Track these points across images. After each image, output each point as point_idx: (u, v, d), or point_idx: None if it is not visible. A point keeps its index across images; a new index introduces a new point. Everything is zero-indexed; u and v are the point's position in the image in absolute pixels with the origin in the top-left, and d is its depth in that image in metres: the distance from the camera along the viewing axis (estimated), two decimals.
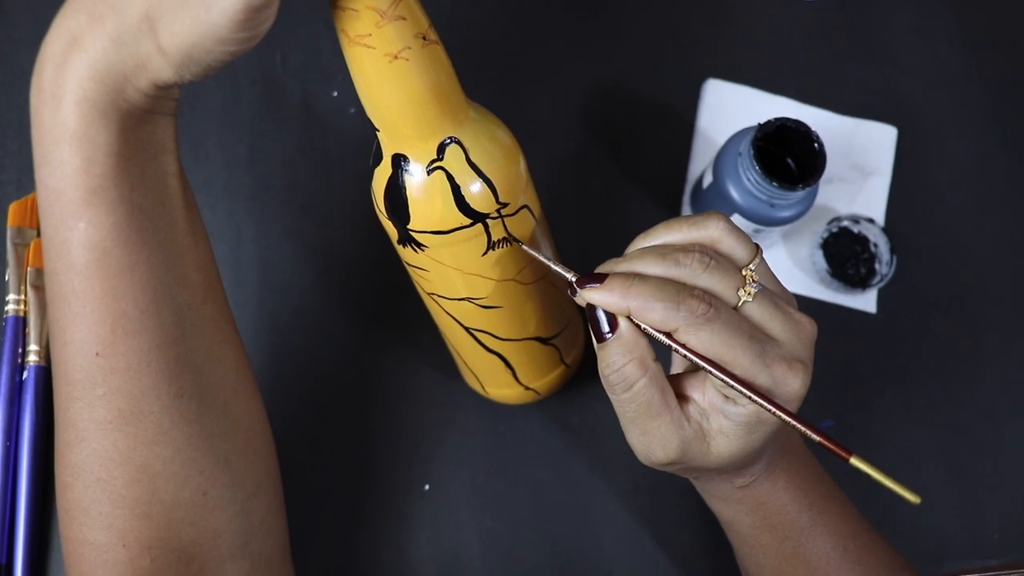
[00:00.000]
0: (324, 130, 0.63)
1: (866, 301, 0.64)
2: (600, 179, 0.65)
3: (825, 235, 0.63)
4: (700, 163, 0.65)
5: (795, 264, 0.64)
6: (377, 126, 0.40)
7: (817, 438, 0.37)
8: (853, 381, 0.63)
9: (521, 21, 0.67)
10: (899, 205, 0.66)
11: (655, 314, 0.37)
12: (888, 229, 0.64)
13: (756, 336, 0.38)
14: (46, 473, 0.55)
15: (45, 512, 0.55)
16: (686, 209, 0.64)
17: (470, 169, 0.41)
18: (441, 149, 0.40)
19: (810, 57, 0.69)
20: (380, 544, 0.57)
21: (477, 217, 0.42)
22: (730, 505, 0.47)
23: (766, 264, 0.40)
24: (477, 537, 0.57)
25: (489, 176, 0.41)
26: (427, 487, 0.58)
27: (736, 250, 0.40)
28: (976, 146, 0.68)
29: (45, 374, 0.56)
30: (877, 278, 0.63)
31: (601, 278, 0.39)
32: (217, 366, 0.41)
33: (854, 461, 0.36)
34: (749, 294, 0.38)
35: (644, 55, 0.67)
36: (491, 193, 0.41)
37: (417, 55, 0.37)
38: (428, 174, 0.41)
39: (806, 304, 0.63)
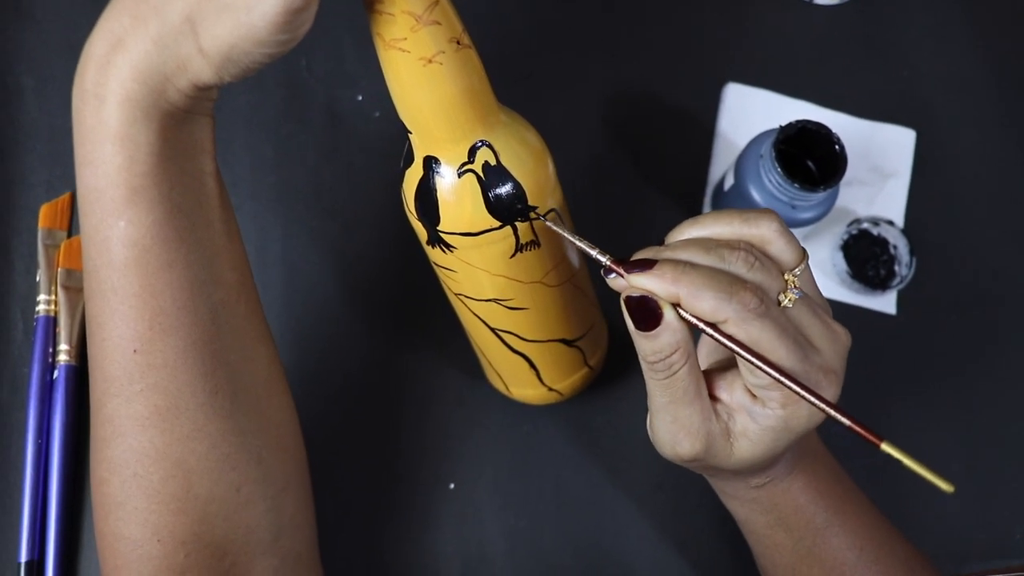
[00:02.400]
0: (349, 134, 0.64)
1: (886, 302, 0.64)
2: (621, 182, 0.65)
3: (845, 237, 0.63)
4: (721, 166, 0.65)
5: (815, 266, 0.64)
6: (409, 128, 0.41)
7: (848, 422, 0.36)
8: (873, 382, 0.63)
9: (542, 26, 0.68)
10: (918, 207, 0.66)
11: (706, 303, 0.36)
12: (907, 231, 0.64)
13: (800, 341, 0.37)
14: (76, 471, 0.56)
15: (76, 509, 0.56)
16: (707, 211, 0.64)
17: (500, 172, 0.41)
18: (472, 152, 0.41)
19: (829, 61, 0.69)
20: (406, 542, 0.57)
21: (506, 220, 0.42)
22: (744, 504, 0.47)
23: (810, 270, 0.40)
24: (501, 535, 0.58)
25: (519, 179, 0.42)
26: (452, 486, 0.58)
27: (785, 253, 0.39)
28: (994, 147, 0.68)
29: (75, 373, 0.57)
30: (897, 279, 0.63)
31: (648, 264, 0.37)
32: (250, 363, 0.42)
33: (885, 447, 0.34)
34: (790, 300, 0.38)
35: (665, 60, 0.68)
36: (520, 196, 0.42)
37: (451, 59, 0.38)
38: (459, 176, 0.41)
39: None
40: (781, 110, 0.67)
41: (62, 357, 0.57)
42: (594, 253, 0.40)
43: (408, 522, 0.58)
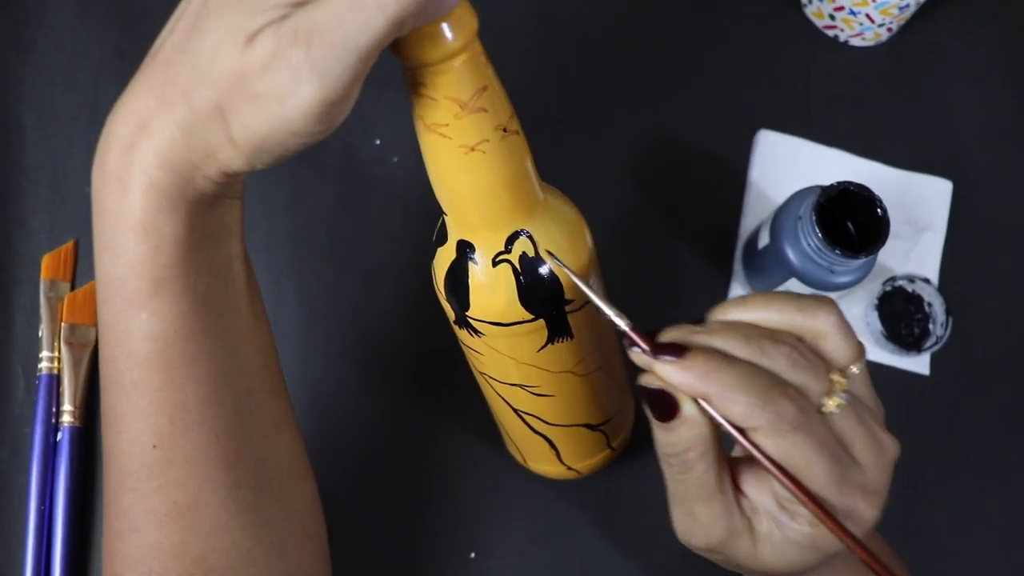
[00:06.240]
0: (366, 179, 0.62)
1: (919, 363, 0.62)
2: (648, 232, 0.63)
3: (880, 295, 0.61)
4: (752, 217, 0.63)
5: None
6: (445, 211, 0.39)
7: (871, 562, 0.33)
8: (906, 444, 0.60)
9: (571, 73, 0.66)
10: (954, 262, 0.64)
11: (737, 407, 0.33)
12: (943, 288, 0.62)
13: (839, 457, 0.34)
14: (81, 540, 0.54)
15: None
16: (737, 267, 0.62)
17: (538, 264, 0.39)
18: (510, 241, 0.38)
19: (862, 107, 0.67)
20: None
21: (540, 313, 0.40)
22: None
23: (866, 369, 0.36)
24: None
25: (557, 273, 0.39)
26: (473, 555, 0.56)
27: (839, 350, 0.35)
28: None
29: (81, 436, 0.54)
30: (932, 339, 0.61)
31: (679, 350, 0.34)
32: (273, 451, 0.40)
33: None
34: (837, 405, 0.34)
35: (695, 106, 0.66)
36: (557, 289, 0.39)
37: (495, 148, 0.35)
38: (494, 265, 0.39)
39: None
40: (814, 159, 0.65)
41: (66, 418, 0.54)
42: (617, 319, 0.36)
43: None
